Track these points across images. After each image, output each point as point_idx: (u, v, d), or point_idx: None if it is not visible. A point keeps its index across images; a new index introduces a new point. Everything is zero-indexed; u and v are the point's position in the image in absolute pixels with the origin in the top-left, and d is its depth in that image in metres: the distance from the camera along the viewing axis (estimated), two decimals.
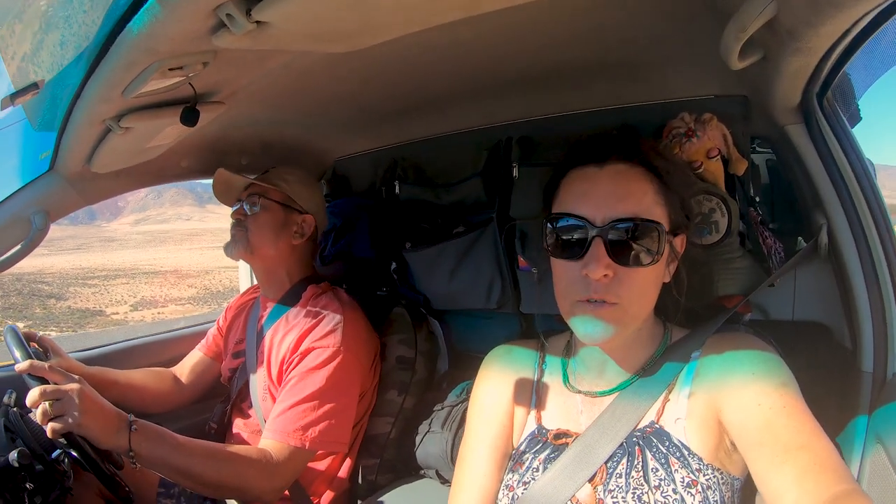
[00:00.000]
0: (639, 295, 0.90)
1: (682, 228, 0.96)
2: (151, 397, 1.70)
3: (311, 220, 1.63)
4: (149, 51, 0.79)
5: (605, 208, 0.88)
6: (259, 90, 1.23)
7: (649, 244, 0.88)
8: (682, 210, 0.95)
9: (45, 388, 1.12)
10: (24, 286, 18.86)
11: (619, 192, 0.89)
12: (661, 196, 0.92)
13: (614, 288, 0.88)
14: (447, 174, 1.66)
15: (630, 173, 0.91)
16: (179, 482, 1.27)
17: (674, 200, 0.93)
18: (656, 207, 0.90)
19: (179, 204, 58.93)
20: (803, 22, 0.80)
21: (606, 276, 0.87)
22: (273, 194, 1.59)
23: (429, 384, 1.68)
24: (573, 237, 0.90)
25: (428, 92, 1.50)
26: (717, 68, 1.13)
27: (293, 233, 1.60)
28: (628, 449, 0.91)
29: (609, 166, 0.92)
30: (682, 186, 0.96)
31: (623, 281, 0.88)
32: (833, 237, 1.18)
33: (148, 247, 33.67)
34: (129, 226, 52.65)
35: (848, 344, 1.21)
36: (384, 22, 0.81)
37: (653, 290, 0.94)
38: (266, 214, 1.57)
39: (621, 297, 0.88)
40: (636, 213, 0.88)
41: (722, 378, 0.89)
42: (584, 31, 1.12)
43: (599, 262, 0.87)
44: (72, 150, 1.23)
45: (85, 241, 36.43)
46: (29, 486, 1.16)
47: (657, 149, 0.97)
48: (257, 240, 1.56)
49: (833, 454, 0.79)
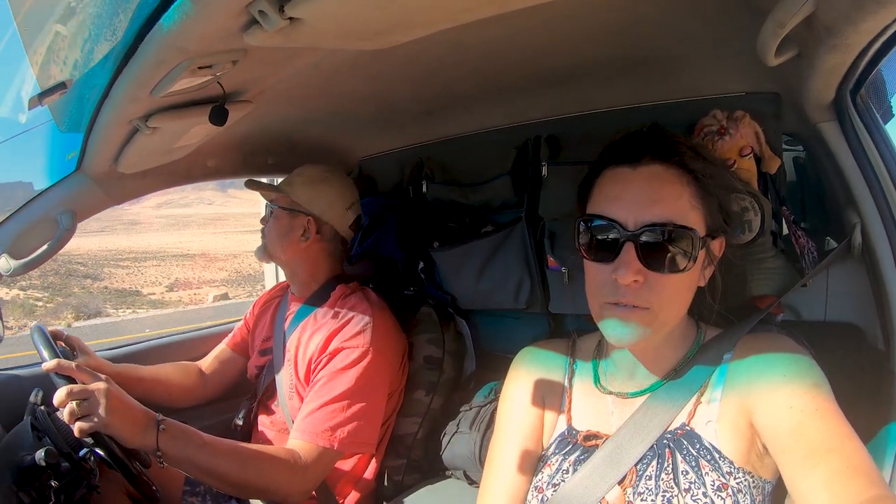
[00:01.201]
0: (669, 301, 0.88)
1: (719, 232, 0.93)
2: (178, 392, 1.71)
3: (313, 222, 1.61)
4: (179, 49, 0.79)
5: (638, 212, 0.86)
6: (286, 89, 1.23)
7: (682, 250, 0.85)
8: (720, 213, 0.92)
9: (72, 387, 1.12)
10: (60, 266, 19.24)
11: (652, 195, 0.87)
12: (698, 199, 0.89)
13: (645, 293, 0.86)
14: (474, 173, 1.65)
15: (665, 175, 0.88)
16: (206, 481, 1.27)
17: (711, 203, 0.90)
18: (692, 212, 0.88)
19: (201, 188, 59.33)
20: (843, 18, 0.78)
21: (637, 281, 0.85)
22: (279, 201, 1.62)
23: (456, 384, 1.67)
24: (605, 239, 0.89)
25: (454, 91, 1.49)
26: (749, 65, 1.11)
27: (299, 236, 1.60)
28: (658, 451, 0.90)
29: (643, 167, 0.89)
30: (721, 188, 0.93)
31: (654, 286, 0.86)
32: (866, 236, 1.15)
33: (172, 230, 34.19)
34: (151, 209, 53.08)
35: (881, 345, 1.18)
36: (416, 19, 0.80)
37: (686, 295, 0.92)
38: (275, 221, 1.62)
39: (652, 303, 0.86)
40: (669, 217, 0.85)
41: (753, 381, 0.88)
42: (613, 27, 1.11)
43: (629, 267, 0.85)
44: (99, 150, 1.24)
45: (108, 223, 36.92)
46: (54, 485, 1.17)
47: (696, 148, 0.94)
48: (270, 245, 1.63)
49: (865, 458, 0.77)
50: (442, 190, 1.71)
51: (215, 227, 23.05)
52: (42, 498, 1.16)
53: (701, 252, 0.88)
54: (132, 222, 29.31)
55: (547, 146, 1.47)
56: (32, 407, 1.30)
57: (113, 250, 16.89)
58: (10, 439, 1.26)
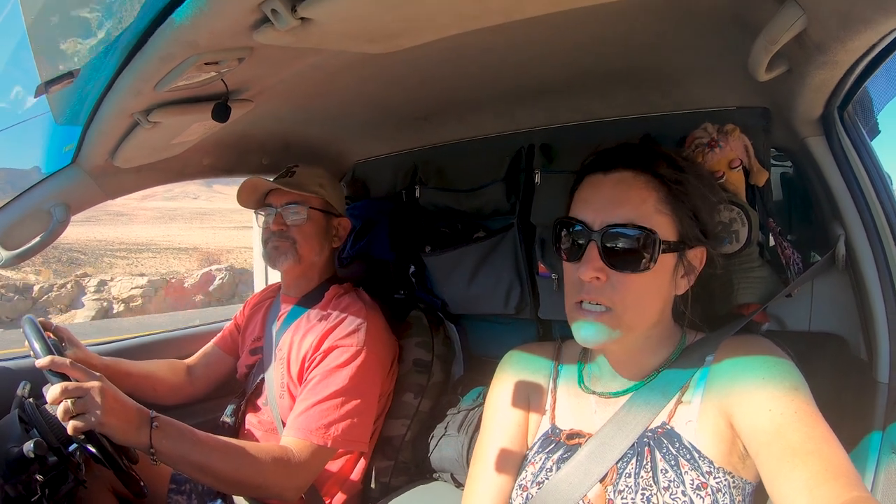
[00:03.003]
0: (633, 302, 0.91)
1: (694, 241, 0.95)
2: (165, 389, 1.70)
3: (347, 223, 1.65)
4: (188, 43, 0.80)
5: (603, 213, 0.91)
6: (286, 89, 1.24)
7: (642, 251, 0.89)
8: (693, 221, 0.94)
9: (66, 385, 1.11)
10: (61, 254, 18.82)
11: (617, 198, 0.92)
12: (666, 205, 0.92)
13: (607, 292, 0.90)
14: (468, 179, 1.67)
15: (632, 181, 0.92)
16: (198, 478, 1.26)
17: (681, 210, 0.93)
18: (657, 216, 0.91)
19: (186, 182, 57.96)
20: (832, 36, 0.81)
21: (598, 279, 0.90)
22: (314, 202, 1.59)
23: (445, 388, 1.68)
24: (574, 240, 0.94)
25: (451, 97, 1.51)
26: (740, 80, 1.14)
27: (333, 237, 1.63)
28: (638, 449, 0.92)
29: (613, 174, 0.94)
30: (696, 198, 0.95)
31: (616, 286, 0.90)
32: (850, 248, 1.18)
33: (158, 223, 33.27)
34: (136, 201, 51.64)
35: (864, 355, 1.21)
36: (424, 24, 0.82)
37: (651, 299, 0.94)
38: (311, 224, 1.58)
39: (614, 303, 0.90)
40: (631, 219, 0.89)
41: (733, 382, 0.90)
42: (609, 39, 1.13)
43: (590, 264, 0.90)
44: (96, 143, 1.24)
45: (94, 213, 35.85)
46: (40, 478, 1.16)
47: (673, 158, 0.98)
48: (306, 250, 1.57)
49: (844, 460, 0.78)
50: (435, 195, 1.73)
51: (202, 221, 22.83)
52: (28, 491, 1.15)
53: (668, 256, 0.92)
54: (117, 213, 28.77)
55: (541, 154, 1.49)
56: (20, 399, 1.28)
57: (103, 241, 16.66)
58: None
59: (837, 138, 1.18)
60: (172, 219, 23.75)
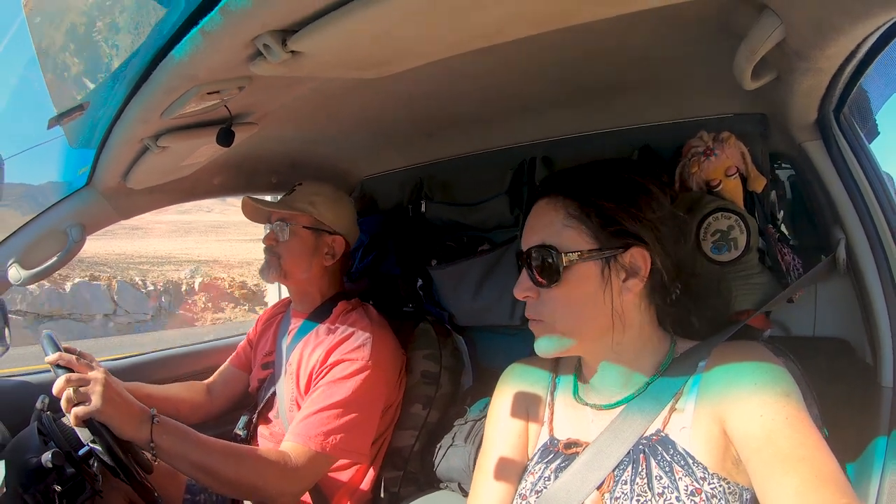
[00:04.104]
0: (562, 312, 0.97)
1: (619, 244, 0.95)
2: (186, 408, 1.73)
3: (342, 241, 1.66)
4: (189, 77, 0.83)
5: (525, 240, 1.01)
6: (289, 112, 1.27)
7: (550, 265, 0.96)
8: (616, 225, 0.95)
9: (70, 375, 1.17)
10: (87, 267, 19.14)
11: (531, 224, 1.02)
12: (574, 219, 0.96)
13: (538, 307, 0.99)
14: (472, 193, 1.70)
15: (544, 207, 1.01)
16: (199, 479, 1.29)
17: (592, 220, 0.95)
18: (566, 231, 0.96)
19: None
20: (810, 44, 0.82)
21: (529, 297, 1.00)
22: (301, 219, 1.62)
23: (453, 399, 1.69)
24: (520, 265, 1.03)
25: (452, 114, 1.54)
26: (736, 87, 1.14)
27: (324, 254, 1.64)
28: (634, 457, 0.93)
29: (535, 205, 1.03)
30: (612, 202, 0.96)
31: (544, 300, 0.98)
32: (851, 252, 1.18)
33: (174, 237, 33.49)
34: (150, 215, 51.85)
35: (869, 359, 1.20)
36: (411, 51, 0.85)
37: (583, 306, 0.96)
38: (296, 241, 1.61)
39: (544, 315, 0.98)
40: (542, 240, 0.98)
41: (725, 388, 0.90)
42: (603, 52, 1.15)
43: (519, 285, 1.00)
44: (109, 167, 1.28)
45: (109, 228, 36.44)
46: (58, 489, 1.20)
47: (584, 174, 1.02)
48: (290, 265, 1.61)
49: (835, 467, 0.79)
50: (441, 209, 1.76)
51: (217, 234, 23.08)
52: (46, 501, 1.19)
53: (587, 264, 0.94)
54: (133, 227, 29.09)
55: (542, 166, 1.52)
56: (39, 412, 1.33)
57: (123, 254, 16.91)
58: (17, 443, 1.29)
59: (835, 142, 1.18)
60: (188, 232, 23.92)
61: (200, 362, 2.02)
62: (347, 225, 1.69)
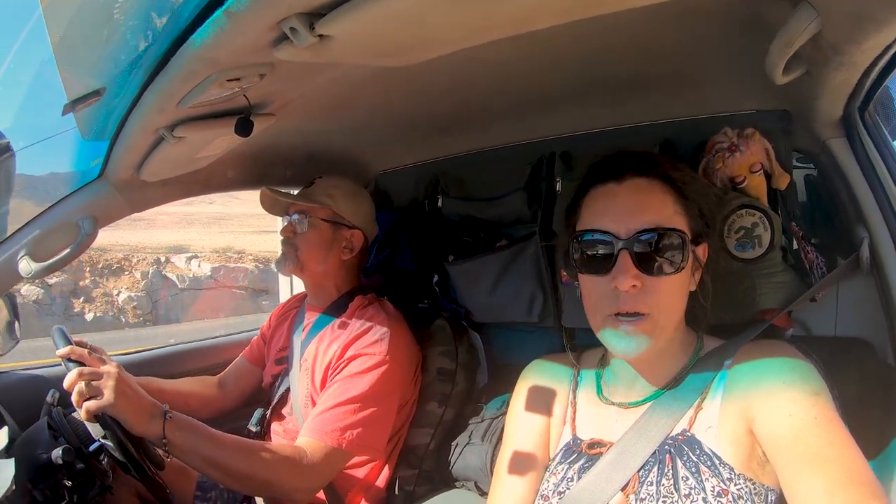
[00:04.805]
0: (667, 304, 0.92)
1: (702, 237, 0.97)
2: (197, 403, 1.72)
3: (360, 235, 1.66)
4: (210, 61, 0.82)
5: (629, 221, 0.91)
6: (307, 103, 1.26)
7: (674, 252, 0.90)
8: (701, 218, 0.97)
9: (82, 369, 1.15)
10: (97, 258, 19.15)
11: (640, 204, 0.93)
12: (681, 206, 0.94)
13: (643, 298, 0.90)
14: (489, 188, 1.68)
15: (648, 186, 0.94)
16: (211, 475, 1.28)
17: (692, 209, 0.95)
18: (676, 217, 0.93)
19: None
20: (847, 38, 0.81)
21: (635, 286, 0.90)
22: (319, 212, 1.61)
23: (469, 396, 1.68)
24: (599, 252, 0.93)
25: (471, 107, 1.52)
26: (759, 83, 1.13)
27: (342, 248, 1.63)
28: (660, 457, 0.91)
29: (628, 181, 0.95)
30: (699, 195, 0.98)
31: (651, 291, 0.90)
32: (875, 251, 1.16)
33: (178, 228, 33.17)
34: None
35: (891, 360, 1.18)
36: (438, 38, 0.84)
37: (680, 298, 0.95)
38: (314, 233, 1.60)
39: (651, 307, 0.90)
40: (658, 222, 0.91)
41: (752, 387, 0.89)
42: (626, 46, 1.13)
43: (627, 273, 0.89)
44: (122, 158, 1.27)
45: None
46: (68, 484, 1.18)
47: (672, 162, 1.00)
48: (306, 258, 1.60)
49: (865, 468, 0.78)
50: (457, 204, 1.75)
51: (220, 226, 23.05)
52: (56, 497, 1.17)
53: (689, 255, 0.93)
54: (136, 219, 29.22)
55: (561, 162, 1.50)
56: (49, 407, 1.31)
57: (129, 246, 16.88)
58: (27, 438, 1.27)
59: (859, 139, 1.17)
60: (191, 223, 23.83)
61: (213, 357, 2.01)
62: (366, 219, 1.69)
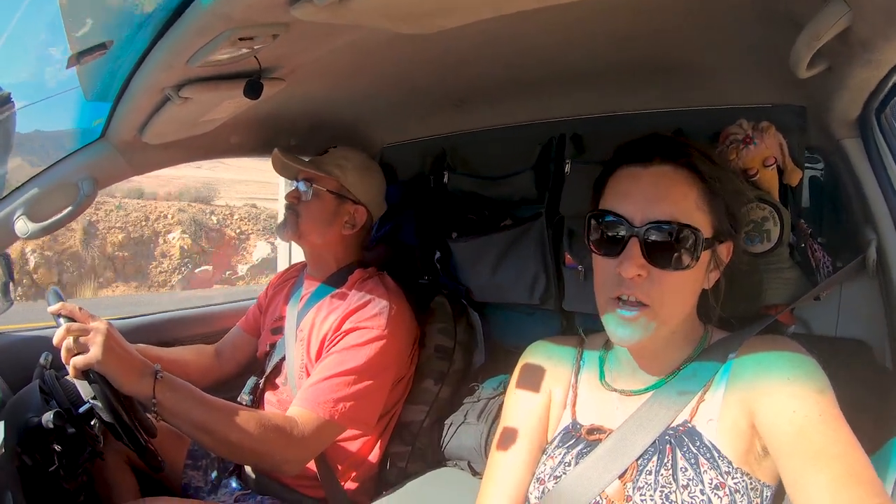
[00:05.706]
0: (671, 298, 0.90)
1: (726, 236, 0.95)
2: (195, 372, 1.70)
3: (364, 211, 1.63)
4: (223, 17, 0.79)
5: (645, 208, 0.89)
6: (318, 68, 1.22)
7: (685, 249, 0.88)
8: (727, 217, 0.94)
9: (70, 325, 1.13)
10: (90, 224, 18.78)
11: (659, 193, 0.90)
12: (705, 201, 0.91)
13: (647, 288, 0.89)
14: (497, 167, 1.66)
15: (673, 175, 0.91)
16: (202, 441, 1.27)
17: (719, 207, 0.92)
18: (697, 212, 0.90)
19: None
20: (879, 34, 0.80)
21: (640, 275, 0.88)
22: (326, 182, 1.58)
23: (465, 376, 1.67)
24: (612, 235, 0.92)
25: (483, 83, 1.50)
26: (776, 77, 1.12)
27: (344, 223, 1.60)
28: (660, 447, 0.91)
29: (653, 167, 0.92)
30: (730, 194, 0.95)
31: (656, 282, 0.89)
32: (882, 253, 1.16)
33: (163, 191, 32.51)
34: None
35: (889, 364, 1.19)
36: (461, 4, 0.81)
37: (688, 295, 0.94)
38: (317, 203, 1.57)
39: (653, 299, 0.89)
40: (674, 215, 0.88)
41: (756, 380, 0.88)
42: (645, 30, 1.12)
43: (633, 261, 0.88)
44: (126, 118, 1.24)
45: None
46: (58, 449, 1.17)
47: (707, 153, 0.97)
48: (306, 227, 1.58)
49: (868, 466, 0.77)
50: (463, 181, 1.73)
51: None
52: (45, 461, 1.16)
53: (705, 253, 0.91)
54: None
55: (571, 144, 1.49)
56: (41, 370, 1.30)
57: None
58: (18, 401, 1.26)
59: (874, 141, 1.16)
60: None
61: (209, 325, 2.00)
62: (373, 196, 1.65)
